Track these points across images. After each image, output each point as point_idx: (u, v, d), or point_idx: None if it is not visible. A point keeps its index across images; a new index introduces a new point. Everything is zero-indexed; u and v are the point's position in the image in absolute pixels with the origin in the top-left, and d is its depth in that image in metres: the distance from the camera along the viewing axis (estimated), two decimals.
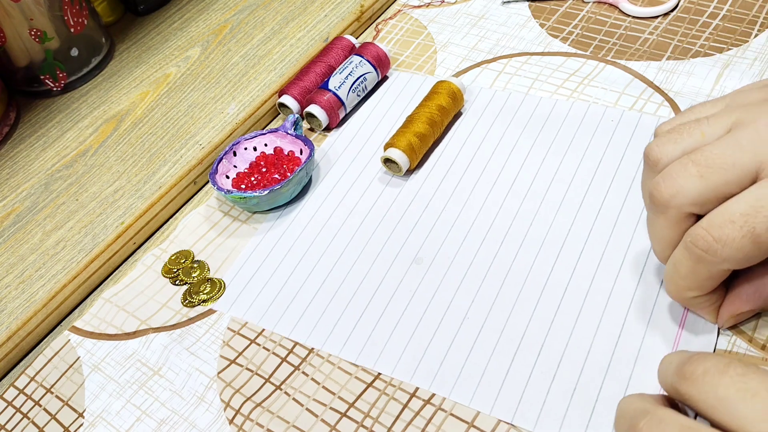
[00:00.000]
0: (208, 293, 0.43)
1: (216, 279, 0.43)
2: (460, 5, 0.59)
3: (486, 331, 0.38)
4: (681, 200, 0.31)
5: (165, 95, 0.56)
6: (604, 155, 0.45)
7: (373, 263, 0.42)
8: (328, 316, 0.40)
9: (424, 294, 0.40)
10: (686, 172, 0.31)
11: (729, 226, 0.30)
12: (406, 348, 0.38)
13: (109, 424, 0.38)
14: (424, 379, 0.37)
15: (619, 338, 0.37)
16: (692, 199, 0.31)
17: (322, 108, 0.49)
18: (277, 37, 0.59)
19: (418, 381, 0.37)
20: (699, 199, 0.31)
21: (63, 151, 0.53)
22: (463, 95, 0.49)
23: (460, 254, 0.42)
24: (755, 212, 0.29)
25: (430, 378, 0.37)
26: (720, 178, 0.30)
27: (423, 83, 0.52)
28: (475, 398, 0.36)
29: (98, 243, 0.46)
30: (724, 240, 0.30)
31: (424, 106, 0.48)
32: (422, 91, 0.52)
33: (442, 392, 0.36)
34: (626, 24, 0.54)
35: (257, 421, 0.37)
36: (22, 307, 0.43)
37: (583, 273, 0.39)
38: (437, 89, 0.49)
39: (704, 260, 0.31)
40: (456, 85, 0.48)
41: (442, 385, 0.36)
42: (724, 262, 0.30)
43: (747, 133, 0.30)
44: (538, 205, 0.43)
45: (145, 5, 0.64)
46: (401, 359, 0.38)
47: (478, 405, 0.35)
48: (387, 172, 0.47)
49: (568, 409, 0.34)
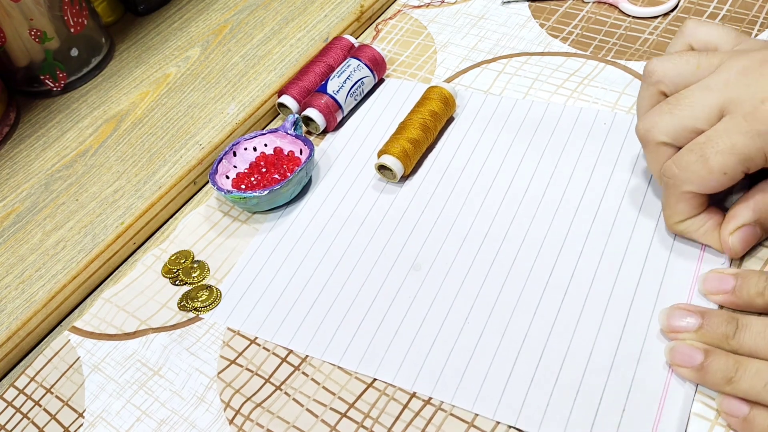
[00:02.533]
0: (203, 302, 0.42)
1: (215, 288, 0.43)
2: (460, 5, 0.59)
3: (486, 335, 0.38)
4: (655, 133, 0.37)
5: (165, 95, 0.56)
6: (599, 157, 0.45)
7: (371, 271, 0.42)
8: (326, 325, 0.40)
9: (423, 300, 0.40)
10: (660, 110, 0.37)
11: (687, 154, 0.36)
12: (407, 355, 0.38)
13: (109, 424, 0.38)
14: (425, 385, 0.37)
15: (620, 339, 0.36)
16: (664, 131, 0.37)
17: (319, 111, 0.49)
18: (277, 37, 0.59)
19: (420, 388, 0.37)
20: (670, 131, 0.36)
21: (63, 151, 0.53)
22: (455, 100, 0.49)
23: (458, 259, 0.42)
24: (708, 141, 0.35)
25: (431, 384, 0.37)
26: (687, 113, 0.36)
27: (414, 89, 0.52)
28: (478, 402, 0.36)
29: (98, 243, 0.46)
30: (682, 166, 0.36)
31: (417, 112, 0.47)
32: (414, 97, 0.52)
33: (444, 398, 0.36)
34: (626, 24, 0.54)
35: (257, 421, 0.37)
36: (22, 307, 0.43)
37: (582, 275, 0.39)
38: (429, 95, 0.48)
39: (670, 185, 0.37)
40: (448, 90, 0.48)
41: (444, 390, 0.36)
42: (685, 184, 0.36)
43: (720, 76, 0.36)
44: (535, 207, 0.43)
45: (145, 5, 0.64)
46: (402, 366, 0.38)
47: (480, 409, 0.35)
48: (381, 179, 0.47)
49: (572, 411, 0.34)
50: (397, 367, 0.38)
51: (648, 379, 0.35)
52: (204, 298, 0.42)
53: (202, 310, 0.42)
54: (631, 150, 0.45)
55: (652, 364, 0.35)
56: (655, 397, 0.34)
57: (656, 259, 0.39)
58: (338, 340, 0.39)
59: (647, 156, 0.39)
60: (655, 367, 0.35)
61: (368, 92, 0.53)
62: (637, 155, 0.44)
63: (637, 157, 0.44)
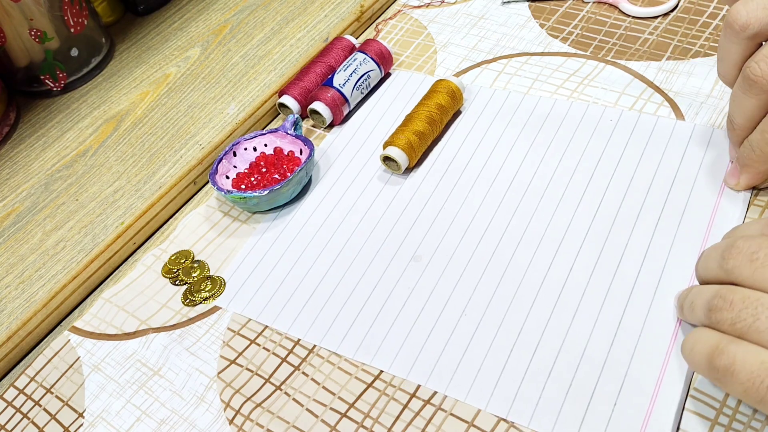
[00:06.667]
0: (210, 290, 0.43)
1: (216, 277, 0.43)
2: (460, 5, 0.59)
3: (483, 327, 0.38)
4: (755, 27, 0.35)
5: (165, 95, 0.56)
6: (603, 155, 0.45)
7: (372, 260, 0.42)
8: (326, 313, 0.40)
9: (422, 291, 0.40)
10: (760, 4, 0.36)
11: None
12: (404, 344, 0.38)
13: (109, 424, 0.38)
14: (420, 374, 0.37)
15: (615, 335, 0.37)
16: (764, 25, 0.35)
17: (326, 105, 0.49)
18: (277, 37, 0.59)
19: (415, 377, 0.37)
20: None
21: (63, 151, 0.53)
22: (463, 94, 0.49)
23: (458, 252, 0.42)
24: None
25: (426, 374, 0.37)
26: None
27: (423, 82, 0.52)
28: (471, 394, 0.36)
29: (98, 243, 0.46)
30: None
31: (424, 105, 0.48)
32: (422, 90, 0.52)
33: (438, 388, 0.36)
34: (626, 24, 0.54)
35: (257, 421, 0.37)
36: (22, 307, 0.43)
37: (580, 271, 0.40)
38: (436, 88, 0.49)
39: (753, 88, 0.36)
40: (455, 83, 0.49)
41: (438, 380, 0.37)
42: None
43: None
44: (536, 203, 0.43)
45: (145, 5, 0.64)
46: (398, 355, 0.38)
47: (473, 401, 0.36)
48: (386, 171, 0.47)
49: (564, 405, 0.35)
50: (393, 356, 0.38)
51: (641, 374, 0.35)
52: (209, 287, 0.43)
53: (211, 298, 0.42)
54: (636, 148, 0.45)
55: (646, 360, 0.35)
56: (648, 392, 0.34)
57: (655, 256, 0.39)
58: (337, 328, 0.40)
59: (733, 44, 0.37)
60: (648, 362, 0.35)
61: (375, 86, 0.53)
62: (641, 153, 0.44)
63: (641, 154, 0.44)
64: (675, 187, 0.42)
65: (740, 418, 0.33)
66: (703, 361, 0.30)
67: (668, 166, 0.43)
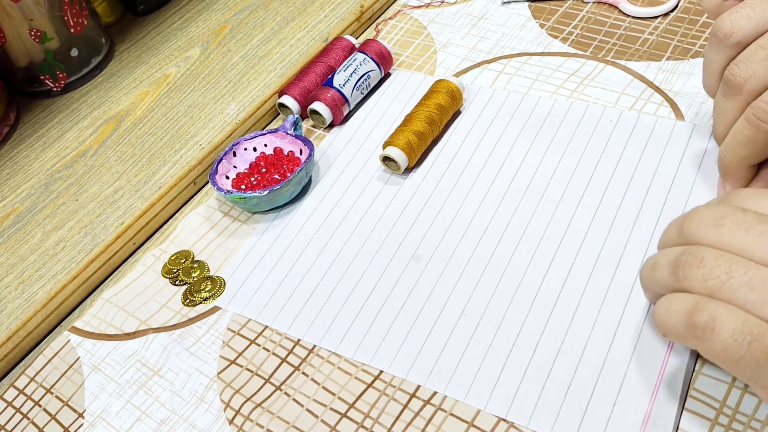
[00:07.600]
0: (210, 290, 0.43)
1: (216, 277, 0.43)
2: (460, 5, 0.59)
3: (482, 327, 0.38)
4: (754, 84, 0.35)
5: (165, 95, 0.56)
6: (602, 155, 0.45)
7: (372, 260, 0.42)
8: (326, 312, 0.40)
9: (421, 291, 0.40)
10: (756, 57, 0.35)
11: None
12: (403, 344, 0.38)
13: (109, 424, 0.38)
14: (420, 374, 0.37)
15: (614, 336, 0.37)
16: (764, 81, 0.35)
17: (326, 105, 0.49)
18: (277, 37, 0.59)
19: (415, 377, 0.37)
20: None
21: (63, 152, 0.53)
22: (462, 94, 0.49)
23: (458, 252, 0.42)
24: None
25: (426, 374, 0.37)
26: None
27: (422, 82, 0.52)
28: (471, 394, 0.36)
29: (98, 243, 0.46)
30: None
31: (423, 105, 0.48)
32: (422, 90, 0.52)
33: (438, 388, 0.36)
34: (626, 24, 0.54)
35: (257, 421, 0.37)
36: (22, 307, 0.43)
37: (580, 271, 0.40)
38: (436, 88, 0.49)
39: (763, 129, 0.35)
40: (455, 84, 0.49)
41: (438, 380, 0.37)
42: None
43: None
44: (536, 203, 0.43)
45: (145, 5, 0.64)
46: (398, 355, 0.38)
47: (473, 400, 0.36)
48: (386, 171, 0.47)
49: (563, 406, 0.35)
50: (393, 356, 0.38)
51: (640, 374, 0.35)
52: (209, 287, 0.43)
53: (212, 299, 0.42)
54: (635, 148, 0.45)
55: (645, 360, 0.35)
56: (647, 392, 0.34)
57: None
58: (337, 328, 0.40)
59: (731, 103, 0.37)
60: (647, 362, 0.35)
61: (375, 86, 0.53)
62: (640, 153, 0.44)
63: (641, 154, 0.44)
64: (674, 188, 0.42)
65: (740, 418, 0.33)
66: (681, 320, 0.29)
67: (668, 166, 0.43)
